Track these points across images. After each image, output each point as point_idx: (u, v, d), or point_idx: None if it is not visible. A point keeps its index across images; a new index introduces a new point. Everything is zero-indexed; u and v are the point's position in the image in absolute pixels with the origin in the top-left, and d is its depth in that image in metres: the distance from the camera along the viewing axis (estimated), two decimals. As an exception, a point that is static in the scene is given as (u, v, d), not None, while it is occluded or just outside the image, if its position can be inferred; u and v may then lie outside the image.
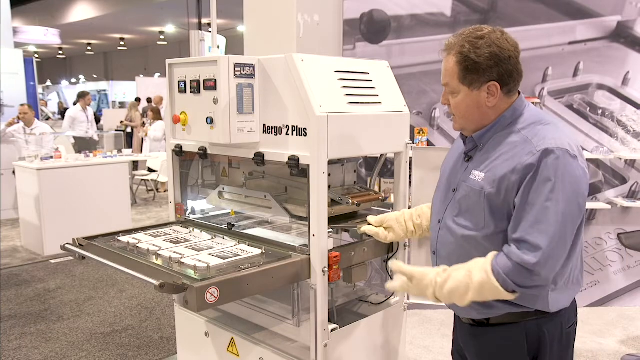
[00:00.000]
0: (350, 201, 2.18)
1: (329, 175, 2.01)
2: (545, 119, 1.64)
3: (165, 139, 3.64)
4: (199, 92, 2.13)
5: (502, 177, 1.55)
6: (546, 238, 1.48)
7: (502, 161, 1.58)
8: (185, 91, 2.20)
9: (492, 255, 1.55)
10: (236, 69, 2.04)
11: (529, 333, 1.64)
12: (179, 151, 2.44)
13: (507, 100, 1.64)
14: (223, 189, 2.49)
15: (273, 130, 2.08)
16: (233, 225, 2.40)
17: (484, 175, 1.60)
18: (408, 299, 2.45)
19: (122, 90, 24.35)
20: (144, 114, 12.53)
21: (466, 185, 1.66)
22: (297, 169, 1.99)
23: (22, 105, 7.71)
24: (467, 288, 1.53)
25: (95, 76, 30.73)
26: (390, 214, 2.09)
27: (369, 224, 2.09)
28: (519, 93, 1.68)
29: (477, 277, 1.52)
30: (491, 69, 1.58)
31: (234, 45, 5.36)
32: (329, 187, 2.05)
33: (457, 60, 1.60)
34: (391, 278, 2.34)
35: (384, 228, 2.06)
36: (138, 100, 15.18)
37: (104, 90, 24.80)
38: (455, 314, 1.90)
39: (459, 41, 1.62)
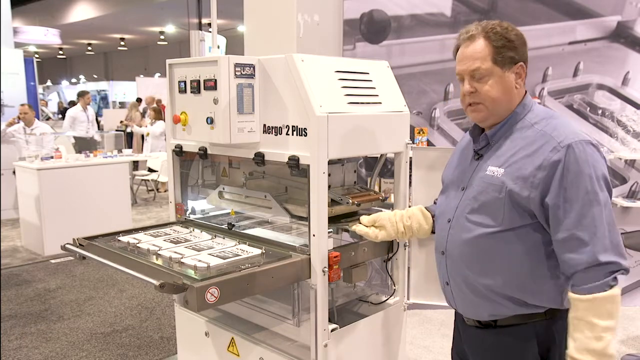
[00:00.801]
0: (350, 201, 2.19)
1: (329, 175, 2.01)
2: (554, 113, 1.66)
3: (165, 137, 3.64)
4: (199, 92, 2.14)
5: (528, 173, 1.55)
6: (595, 230, 1.48)
7: (523, 157, 1.58)
8: (185, 91, 2.21)
9: (569, 294, 1.54)
10: (236, 69, 2.04)
11: (539, 333, 1.64)
12: (179, 151, 2.44)
13: (523, 91, 1.68)
14: (223, 188, 2.49)
15: (273, 130, 2.09)
16: (233, 225, 2.40)
17: (503, 170, 1.59)
18: (408, 298, 2.46)
19: (122, 90, 24.36)
20: (143, 114, 12.54)
21: (482, 181, 1.64)
22: (297, 169, 1.99)
23: (22, 105, 7.71)
24: (590, 326, 1.49)
25: (95, 76, 30.73)
26: (383, 213, 2.08)
27: (360, 224, 2.08)
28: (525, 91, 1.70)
29: (582, 313, 1.50)
30: (520, 48, 1.62)
31: (234, 45, 5.36)
32: (329, 187, 2.05)
33: (489, 41, 1.61)
34: (391, 278, 2.35)
35: (376, 227, 2.05)
36: (139, 100, 15.19)
37: (104, 90, 24.81)
38: (456, 315, 1.90)
39: (483, 28, 1.63)
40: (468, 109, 1.69)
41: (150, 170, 9.25)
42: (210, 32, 4.02)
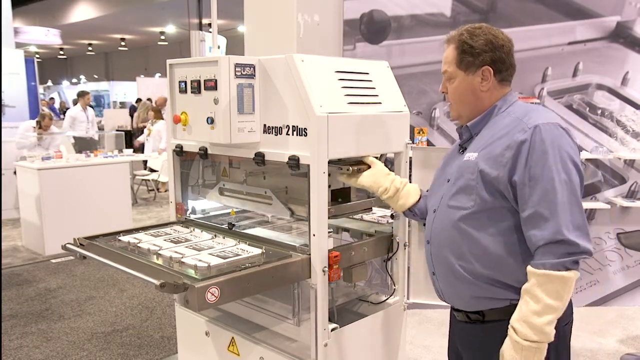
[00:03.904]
0: (351, 169, 2.18)
1: (329, 175, 2.02)
2: (536, 106, 1.74)
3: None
4: (199, 92, 2.14)
5: (497, 153, 1.63)
6: (556, 207, 1.53)
7: (495, 139, 1.66)
8: (185, 91, 2.21)
9: (527, 267, 1.58)
10: (236, 69, 2.04)
11: None
12: (179, 151, 2.45)
13: (501, 90, 1.77)
14: (223, 185, 2.49)
15: (273, 130, 2.09)
16: (233, 225, 2.40)
17: (477, 154, 1.68)
18: (408, 298, 2.46)
19: (122, 91, 24.38)
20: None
21: (459, 167, 1.73)
22: (298, 168, 2.00)
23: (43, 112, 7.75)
24: (536, 300, 1.53)
25: (96, 76, 30.74)
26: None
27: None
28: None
29: (532, 286, 1.54)
30: (485, 53, 1.72)
31: (234, 45, 5.36)
32: (329, 187, 2.06)
33: (456, 46, 1.76)
34: (391, 278, 2.36)
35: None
36: (139, 100, 15.19)
37: (106, 91, 24.84)
38: (451, 314, 1.91)
39: (458, 32, 1.78)
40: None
41: (151, 170, 9.26)
42: (210, 32, 4.02)
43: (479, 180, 1.65)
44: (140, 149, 10.47)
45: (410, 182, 2.39)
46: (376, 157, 2.37)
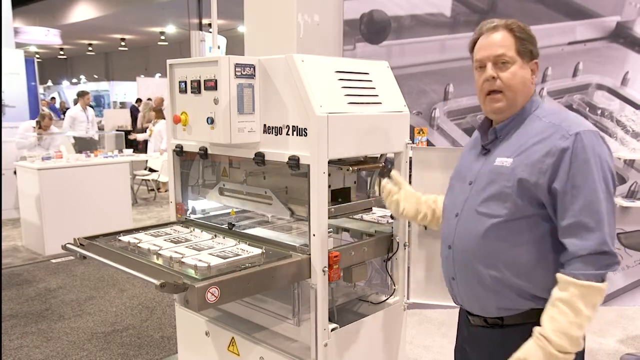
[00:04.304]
0: (351, 169, 2.18)
1: (329, 175, 2.02)
2: (562, 109, 1.71)
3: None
4: (199, 92, 2.14)
5: (536, 160, 1.57)
6: (601, 217, 1.50)
7: (532, 145, 1.60)
8: (185, 91, 2.21)
9: (560, 275, 1.53)
10: (236, 69, 2.04)
11: None
12: (179, 151, 2.45)
13: (533, 88, 1.71)
14: (223, 185, 2.50)
15: (273, 130, 2.09)
16: (233, 225, 2.40)
17: (512, 160, 1.61)
18: (408, 298, 2.46)
19: (122, 91, 24.38)
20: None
21: (491, 172, 1.65)
22: (298, 168, 2.00)
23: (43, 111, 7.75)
24: (576, 312, 1.49)
25: (96, 76, 30.74)
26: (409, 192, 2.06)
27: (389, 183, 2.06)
28: None
29: (572, 297, 1.49)
30: (536, 46, 1.67)
31: (235, 45, 5.36)
32: (329, 187, 2.06)
33: (513, 33, 1.65)
34: (391, 278, 2.36)
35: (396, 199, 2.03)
36: (139, 101, 15.19)
37: (106, 91, 24.83)
38: (460, 315, 1.87)
39: (504, 22, 1.68)
40: (487, 99, 1.69)
41: (151, 170, 9.25)
42: (210, 32, 4.02)
43: (516, 188, 1.58)
44: (143, 149, 10.48)
45: (410, 182, 2.39)
46: (376, 157, 2.37)
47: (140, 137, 10.91)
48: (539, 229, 1.60)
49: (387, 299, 2.37)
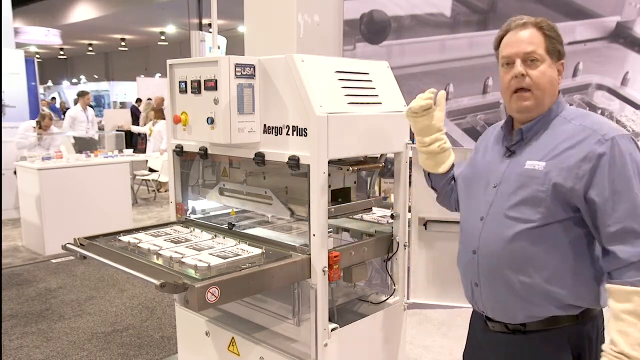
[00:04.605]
0: (351, 169, 2.17)
1: (329, 175, 2.02)
2: (587, 111, 1.68)
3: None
4: (199, 92, 2.14)
5: (572, 164, 1.53)
6: None
7: (566, 149, 1.56)
8: (186, 91, 2.21)
9: (617, 286, 1.48)
10: (237, 69, 2.05)
11: (571, 338, 1.60)
12: (179, 151, 2.45)
13: (558, 90, 1.69)
14: (223, 185, 2.50)
15: (273, 130, 2.09)
16: (233, 225, 2.41)
17: (545, 163, 1.57)
18: (408, 298, 2.46)
19: (123, 91, 24.38)
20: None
21: (521, 176, 1.60)
22: (298, 169, 2.00)
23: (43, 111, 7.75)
24: None
25: (96, 76, 30.75)
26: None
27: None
28: None
29: (635, 308, 1.44)
30: (563, 46, 1.65)
31: (235, 45, 5.37)
32: (329, 187, 2.06)
33: (542, 31, 1.63)
34: (391, 278, 2.36)
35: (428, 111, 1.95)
36: (139, 101, 15.18)
37: (106, 91, 24.84)
38: (473, 320, 1.83)
39: (534, 19, 1.66)
40: (513, 97, 1.65)
41: (151, 170, 9.26)
42: (210, 32, 4.02)
43: (551, 193, 1.54)
44: (143, 149, 10.49)
45: (410, 182, 2.38)
46: (376, 157, 2.37)
47: (135, 129, 10.88)
48: (571, 234, 1.57)
49: (387, 299, 2.37)
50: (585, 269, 1.58)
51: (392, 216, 2.32)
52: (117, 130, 12.77)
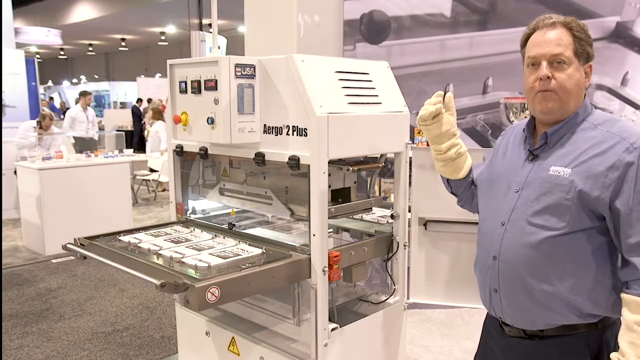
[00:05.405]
0: (350, 169, 2.17)
1: (329, 175, 2.02)
2: (615, 116, 1.63)
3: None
4: (199, 92, 2.15)
5: (599, 173, 1.49)
6: None
7: (593, 156, 1.52)
8: (186, 91, 2.22)
9: (633, 297, 1.47)
10: (237, 69, 2.05)
11: (590, 344, 1.58)
12: (179, 151, 2.45)
13: (584, 93, 1.63)
14: (224, 185, 2.50)
15: (273, 130, 2.09)
16: (234, 225, 2.41)
17: (570, 170, 1.53)
18: (408, 298, 2.46)
19: (123, 91, 24.40)
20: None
21: (546, 182, 1.56)
22: (298, 168, 2.00)
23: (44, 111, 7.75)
24: None
25: (96, 76, 30.76)
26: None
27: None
28: None
29: None
30: (592, 48, 1.60)
31: (235, 45, 5.37)
32: (329, 187, 2.06)
33: (572, 32, 1.59)
34: (391, 278, 2.36)
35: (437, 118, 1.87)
36: (139, 101, 15.20)
37: (106, 91, 24.86)
38: (488, 324, 1.81)
39: (562, 19, 1.61)
40: (537, 97, 1.60)
41: (151, 170, 9.26)
42: (210, 32, 4.03)
43: (576, 201, 1.50)
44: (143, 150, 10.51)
45: (410, 182, 2.38)
46: (376, 157, 2.37)
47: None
48: (595, 242, 1.54)
49: (387, 299, 2.37)
50: (606, 277, 1.55)
51: (392, 216, 2.33)
52: (118, 131, 12.78)
